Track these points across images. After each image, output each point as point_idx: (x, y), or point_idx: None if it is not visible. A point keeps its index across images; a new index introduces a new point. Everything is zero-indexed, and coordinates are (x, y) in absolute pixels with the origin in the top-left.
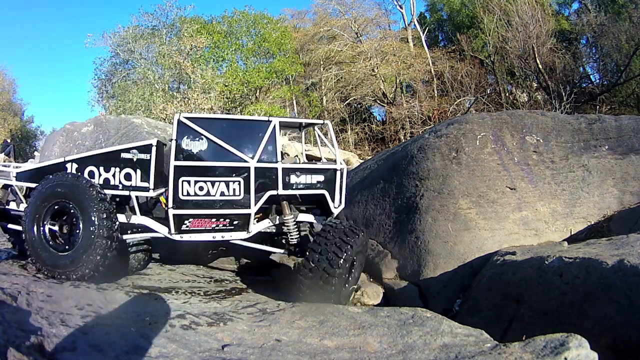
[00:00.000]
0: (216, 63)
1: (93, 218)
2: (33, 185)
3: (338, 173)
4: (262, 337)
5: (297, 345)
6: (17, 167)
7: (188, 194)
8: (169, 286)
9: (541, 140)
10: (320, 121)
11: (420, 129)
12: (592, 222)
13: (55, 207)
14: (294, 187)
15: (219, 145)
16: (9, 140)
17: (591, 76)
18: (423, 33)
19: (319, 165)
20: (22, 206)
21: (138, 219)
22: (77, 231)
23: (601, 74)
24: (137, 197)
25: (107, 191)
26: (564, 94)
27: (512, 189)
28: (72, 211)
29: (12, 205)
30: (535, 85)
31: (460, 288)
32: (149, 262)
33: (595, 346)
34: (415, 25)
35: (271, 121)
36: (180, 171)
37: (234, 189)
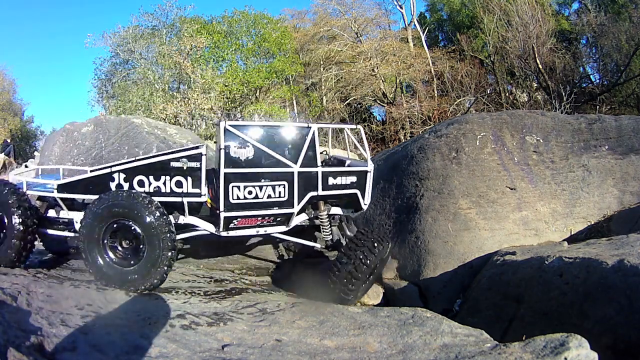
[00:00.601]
0: (216, 63)
1: (157, 234)
2: (77, 196)
3: (368, 174)
4: (262, 337)
5: (297, 345)
6: (58, 179)
7: (238, 198)
8: (169, 286)
9: (541, 140)
10: (353, 125)
11: (420, 129)
12: (592, 222)
13: (114, 225)
14: (332, 188)
15: (264, 151)
16: (9, 140)
17: (591, 76)
18: (423, 33)
19: (352, 168)
20: (63, 213)
21: (186, 219)
22: (142, 247)
23: (601, 74)
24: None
25: (158, 198)
26: (564, 94)
27: (512, 189)
28: (132, 228)
29: (51, 213)
30: (535, 85)
31: (460, 288)
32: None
33: (595, 346)
34: (415, 25)
35: (310, 127)
36: (230, 178)
37: (280, 192)
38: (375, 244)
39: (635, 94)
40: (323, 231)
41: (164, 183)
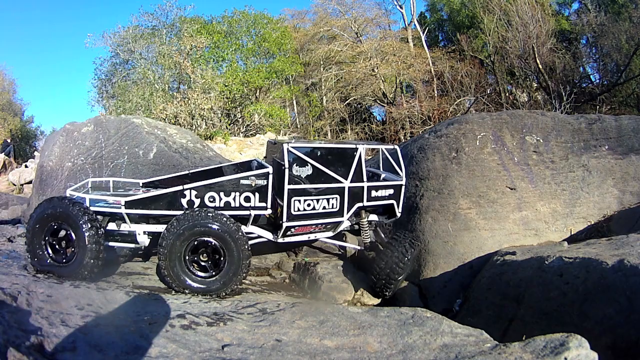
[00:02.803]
0: (216, 63)
1: (237, 246)
2: (145, 212)
3: (403, 187)
4: (262, 337)
5: (297, 345)
6: (126, 195)
7: (298, 210)
8: None
9: (541, 140)
10: (391, 146)
11: (420, 129)
12: (592, 222)
13: (194, 243)
14: (374, 199)
15: (320, 169)
16: (9, 140)
17: (591, 76)
18: (423, 33)
19: (389, 182)
20: (124, 226)
21: (248, 228)
22: (223, 259)
23: (601, 74)
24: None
25: (228, 212)
26: (564, 94)
27: (512, 189)
28: (212, 243)
29: (111, 226)
30: (535, 85)
31: (460, 288)
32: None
33: (595, 346)
34: (415, 25)
35: (358, 148)
36: (292, 193)
37: (333, 204)
38: (410, 246)
39: (635, 94)
40: (363, 235)
41: (234, 199)
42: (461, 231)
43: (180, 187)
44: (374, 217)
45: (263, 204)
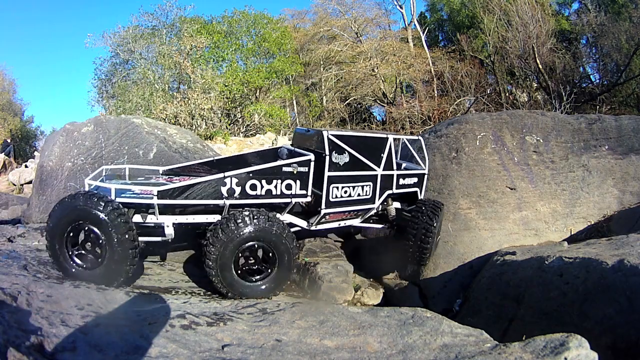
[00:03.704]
0: (216, 63)
1: (287, 253)
2: (181, 202)
3: (425, 176)
4: (262, 337)
5: (297, 345)
6: (158, 185)
7: (336, 197)
8: (169, 286)
9: (541, 140)
10: (415, 137)
11: (420, 129)
12: (592, 222)
13: (245, 246)
14: (401, 187)
15: (356, 157)
16: (9, 140)
17: (591, 76)
18: (423, 33)
19: (414, 171)
20: (151, 218)
21: (283, 217)
22: (270, 254)
23: (601, 74)
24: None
25: (269, 200)
26: (564, 94)
27: (512, 189)
28: (263, 247)
29: (136, 219)
30: (535, 85)
31: (460, 288)
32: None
33: (595, 346)
34: (415, 25)
35: (388, 138)
36: (331, 180)
37: (366, 191)
38: (434, 211)
39: (635, 94)
40: (391, 218)
41: (275, 186)
42: (461, 231)
43: (221, 175)
44: (396, 204)
45: (304, 192)
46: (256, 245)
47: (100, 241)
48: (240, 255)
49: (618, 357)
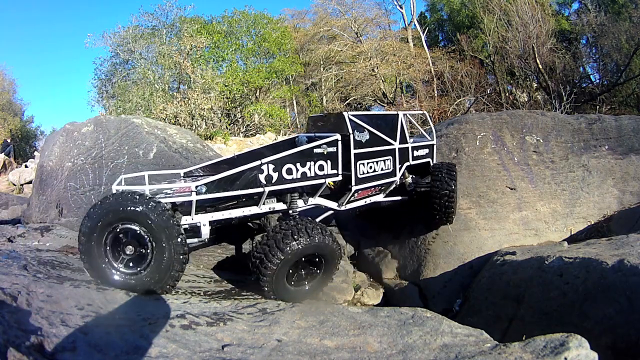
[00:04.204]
0: (216, 63)
1: (334, 258)
2: (222, 194)
3: (434, 147)
4: (262, 337)
5: (297, 345)
6: (195, 180)
7: (363, 173)
8: None
9: (541, 140)
10: (421, 111)
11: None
12: (592, 222)
13: (302, 257)
14: (416, 159)
15: (375, 134)
16: (9, 140)
17: (591, 76)
18: (423, 33)
19: (425, 142)
20: (186, 218)
21: (313, 200)
22: (322, 265)
23: (601, 74)
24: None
25: (305, 183)
26: (564, 94)
27: (512, 189)
28: (317, 256)
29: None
30: (535, 85)
31: (460, 288)
32: None
33: (595, 346)
34: (415, 25)
35: (398, 115)
36: (357, 157)
37: (387, 165)
38: (450, 174)
39: (635, 94)
40: (409, 189)
41: (309, 168)
42: (461, 231)
43: (258, 162)
44: (412, 176)
45: (335, 171)
46: (316, 257)
47: (148, 245)
48: (302, 260)
49: (618, 357)
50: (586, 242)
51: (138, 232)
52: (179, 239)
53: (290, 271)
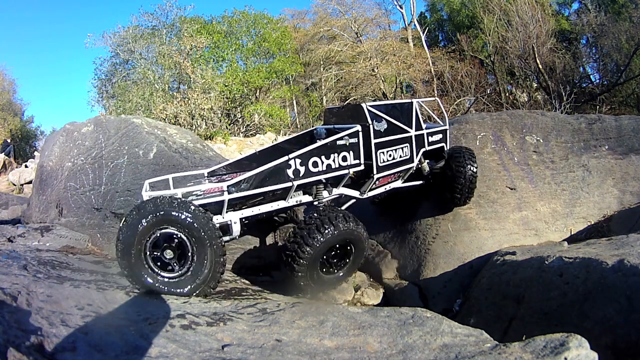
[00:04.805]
0: (216, 63)
1: (363, 244)
2: (252, 192)
3: (448, 131)
4: (262, 337)
5: (297, 345)
6: (219, 179)
7: (383, 161)
8: None
9: (541, 140)
10: (433, 98)
11: None
12: (592, 222)
13: (334, 245)
14: (432, 144)
15: (392, 122)
16: (9, 140)
17: (591, 76)
18: (423, 33)
19: (439, 128)
20: (217, 218)
21: (337, 190)
22: (351, 252)
23: (601, 74)
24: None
25: (330, 174)
26: (564, 94)
27: (512, 189)
28: (348, 243)
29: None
30: (535, 85)
31: (460, 288)
32: None
33: (595, 346)
34: (415, 25)
35: (413, 102)
36: (377, 146)
37: (405, 151)
38: (471, 157)
39: (635, 94)
40: (425, 174)
41: (334, 160)
42: (461, 231)
43: (285, 158)
44: (427, 161)
45: (357, 161)
46: (344, 243)
47: (188, 248)
48: (329, 252)
49: (618, 357)
50: (586, 242)
51: (178, 236)
52: (219, 241)
53: (323, 261)
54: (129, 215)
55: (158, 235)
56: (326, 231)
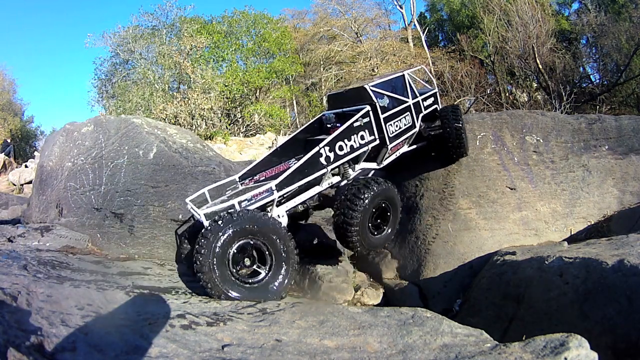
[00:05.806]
0: (216, 63)
1: (398, 206)
2: (295, 186)
3: (437, 94)
4: (262, 337)
5: (297, 345)
6: (252, 179)
7: (392, 132)
8: (169, 286)
9: (541, 140)
10: (419, 67)
11: None
12: (592, 222)
13: (377, 205)
14: (427, 107)
15: (392, 96)
16: (9, 140)
17: (591, 76)
18: (423, 33)
19: (430, 93)
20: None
21: (359, 166)
22: (393, 208)
23: (601, 74)
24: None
25: (355, 154)
26: (564, 94)
27: (512, 189)
28: (386, 205)
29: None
30: (535, 85)
31: (460, 288)
32: None
33: (595, 346)
34: (415, 25)
35: (404, 74)
36: (386, 120)
37: (408, 119)
38: (455, 114)
39: (635, 94)
40: (427, 135)
41: (354, 141)
42: (461, 231)
43: (317, 148)
44: (424, 124)
45: (373, 137)
46: (383, 205)
47: (266, 255)
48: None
49: (618, 357)
50: (586, 242)
51: (257, 244)
52: (293, 244)
53: (369, 226)
54: (209, 232)
55: (238, 246)
56: (365, 195)
